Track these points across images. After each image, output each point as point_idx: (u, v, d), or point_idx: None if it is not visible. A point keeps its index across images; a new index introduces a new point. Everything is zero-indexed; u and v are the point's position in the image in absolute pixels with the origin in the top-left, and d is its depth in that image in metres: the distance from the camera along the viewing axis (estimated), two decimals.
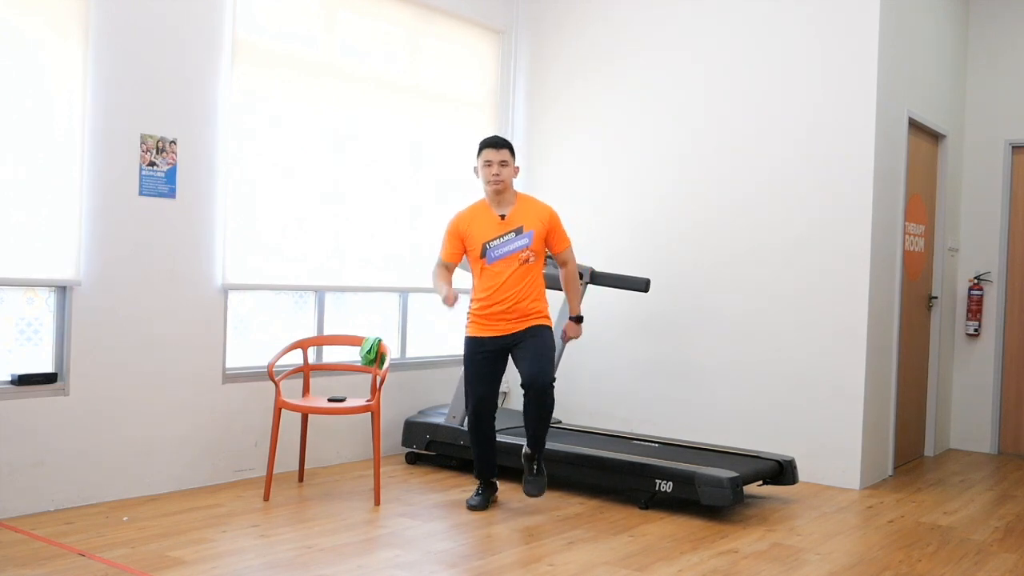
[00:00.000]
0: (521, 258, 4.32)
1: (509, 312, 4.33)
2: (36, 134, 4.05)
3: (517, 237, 4.33)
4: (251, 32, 4.84)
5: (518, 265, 4.32)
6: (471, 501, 4.49)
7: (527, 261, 4.33)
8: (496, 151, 4.37)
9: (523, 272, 4.33)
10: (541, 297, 4.44)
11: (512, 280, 4.31)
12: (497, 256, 4.33)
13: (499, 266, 4.32)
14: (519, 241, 4.32)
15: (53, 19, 4.08)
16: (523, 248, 4.32)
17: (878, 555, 3.95)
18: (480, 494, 4.52)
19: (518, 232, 4.33)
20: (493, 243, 4.33)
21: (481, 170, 4.40)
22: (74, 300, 4.18)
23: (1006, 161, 6.56)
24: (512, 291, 4.32)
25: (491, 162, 4.36)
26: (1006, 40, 6.58)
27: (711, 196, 5.68)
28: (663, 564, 3.70)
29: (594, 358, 6.10)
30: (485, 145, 4.41)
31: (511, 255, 4.32)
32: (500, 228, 4.35)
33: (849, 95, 5.24)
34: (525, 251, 4.32)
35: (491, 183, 4.36)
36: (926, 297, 6.29)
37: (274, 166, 4.97)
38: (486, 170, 4.37)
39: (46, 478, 4.10)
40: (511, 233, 4.33)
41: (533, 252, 4.34)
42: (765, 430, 5.43)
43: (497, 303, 4.33)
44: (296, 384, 5.02)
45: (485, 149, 4.40)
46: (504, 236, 4.34)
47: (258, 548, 3.69)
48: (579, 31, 6.26)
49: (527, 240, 4.32)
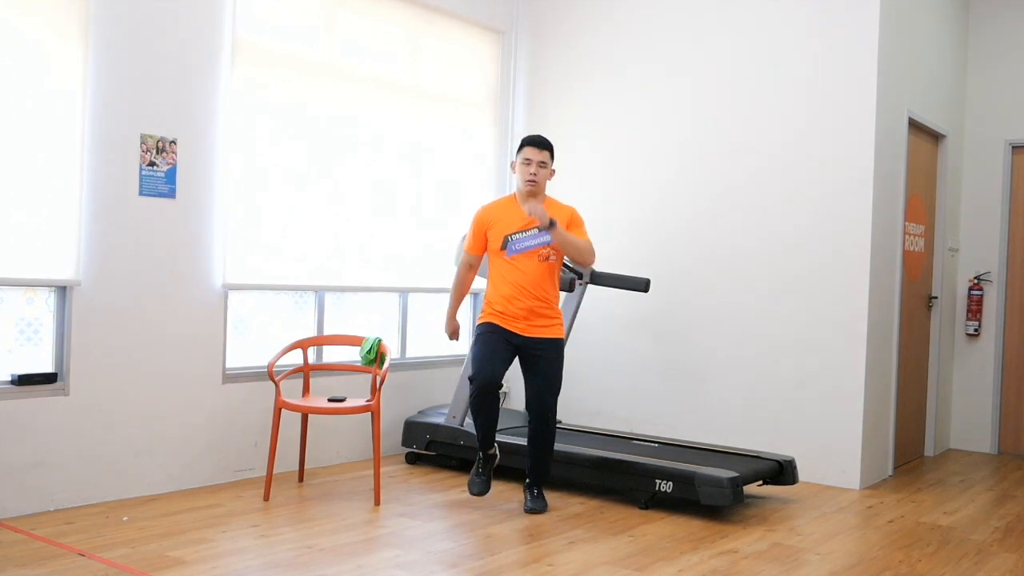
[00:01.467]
0: (542, 255, 4.34)
1: (525, 310, 4.33)
2: (36, 134, 4.05)
3: (540, 233, 4.33)
4: (251, 32, 4.84)
5: (538, 261, 4.34)
6: (473, 486, 4.48)
7: (547, 259, 4.35)
8: (538, 151, 4.40)
9: (542, 270, 4.34)
10: (557, 300, 4.46)
11: (531, 276, 4.32)
12: (518, 249, 4.33)
13: (519, 260, 4.33)
14: (541, 237, 4.33)
15: (53, 19, 4.08)
16: (545, 245, 4.33)
17: (878, 555, 3.95)
18: (481, 473, 4.49)
19: (541, 229, 4.33)
20: (516, 236, 4.35)
21: (519, 167, 4.43)
22: (74, 300, 4.18)
23: (1006, 161, 6.56)
24: (530, 288, 4.32)
25: (531, 160, 4.38)
26: (1006, 40, 6.58)
27: (711, 196, 5.68)
28: (663, 564, 3.70)
29: (594, 358, 6.10)
30: (528, 143, 4.43)
31: (532, 250, 4.34)
32: (525, 223, 4.36)
33: (849, 95, 5.24)
34: (546, 248, 4.34)
35: (527, 182, 4.39)
36: (926, 297, 6.29)
37: (274, 166, 4.97)
38: (524, 168, 4.40)
39: (46, 478, 4.10)
40: (535, 229, 4.34)
41: (554, 251, 4.35)
42: (765, 430, 5.43)
43: (514, 299, 4.33)
44: (296, 384, 5.02)
45: (527, 147, 4.42)
46: (528, 231, 4.35)
47: (258, 548, 3.69)
48: (579, 31, 6.26)
49: (549, 237, 4.32)
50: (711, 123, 5.71)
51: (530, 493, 4.50)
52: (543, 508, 4.46)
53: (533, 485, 4.51)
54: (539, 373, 4.36)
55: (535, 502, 4.46)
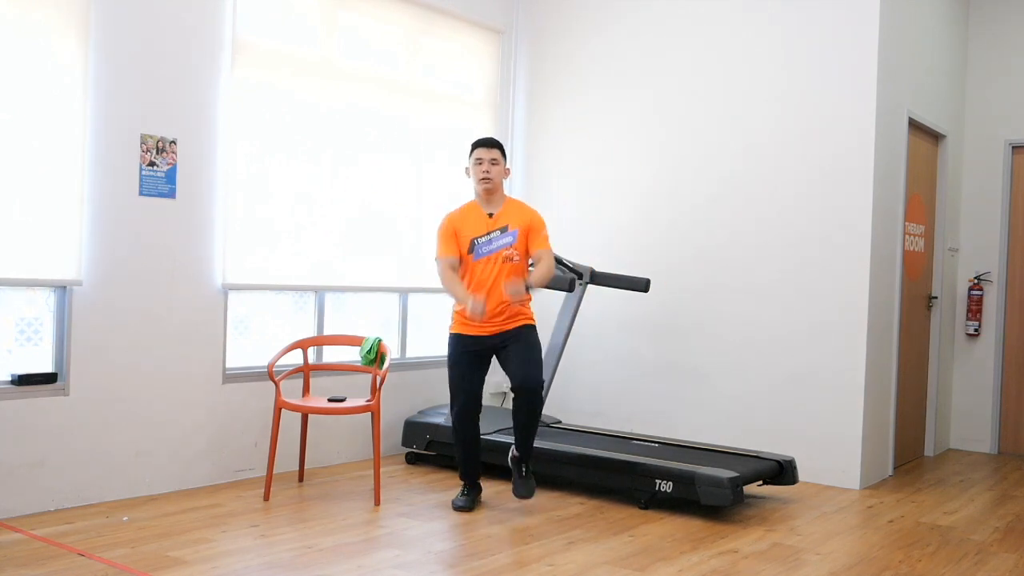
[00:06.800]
0: (505, 255, 4.36)
1: (494, 311, 4.33)
2: (36, 134, 4.04)
3: (502, 235, 4.38)
4: (251, 32, 4.84)
5: (502, 263, 4.35)
6: (457, 502, 4.49)
7: (511, 259, 4.36)
8: (487, 150, 4.43)
9: (508, 270, 4.35)
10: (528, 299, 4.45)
11: (497, 278, 4.33)
12: (483, 253, 4.37)
13: (484, 263, 4.36)
14: (504, 239, 4.37)
15: (53, 19, 4.08)
16: (507, 246, 4.37)
17: (878, 555, 3.95)
18: (466, 495, 4.52)
19: (503, 230, 4.38)
20: (481, 240, 4.38)
21: (472, 169, 4.47)
22: (74, 300, 4.18)
23: (1006, 161, 6.56)
24: (497, 288, 4.32)
25: (482, 160, 4.42)
26: (1006, 40, 6.58)
27: (711, 195, 5.68)
28: (663, 564, 3.70)
29: (594, 358, 6.10)
30: (477, 145, 4.49)
31: (496, 252, 4.36)
32: (488, 225, 4.40)
33: (849, 95, 5.24)
34: (509, 249, 4.36)
35: (481, 181, 4.42)
36: (926, 297, 6.29)
37: (274, 166, 4.97)
38: (477, 168, 4.43)
39: (46, 478, 4.10)
40: (497, 231, 4.38)
41: (517, 251, 4.38)
42: (765, 430, 5.43)
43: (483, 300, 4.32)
44: (296, 384, 5.02)
45: (476, 148, 4.47)
46: (491, 233, 4.38)
47: (258, 548, 3.69)
48: (579, 31, 6.26)
49: (511, 238, 4.37)
50: (711, 123, 5.70)
51: (517, 472, 4.47)
52: (530, 491, 4.46)
53: (520, 461, 4.46)
54: (518, 350, 4.34)
55: (523, 483, 4.45)
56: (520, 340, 4.37)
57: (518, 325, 4.39)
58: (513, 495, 4.51)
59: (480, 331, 4.37)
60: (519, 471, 4.48)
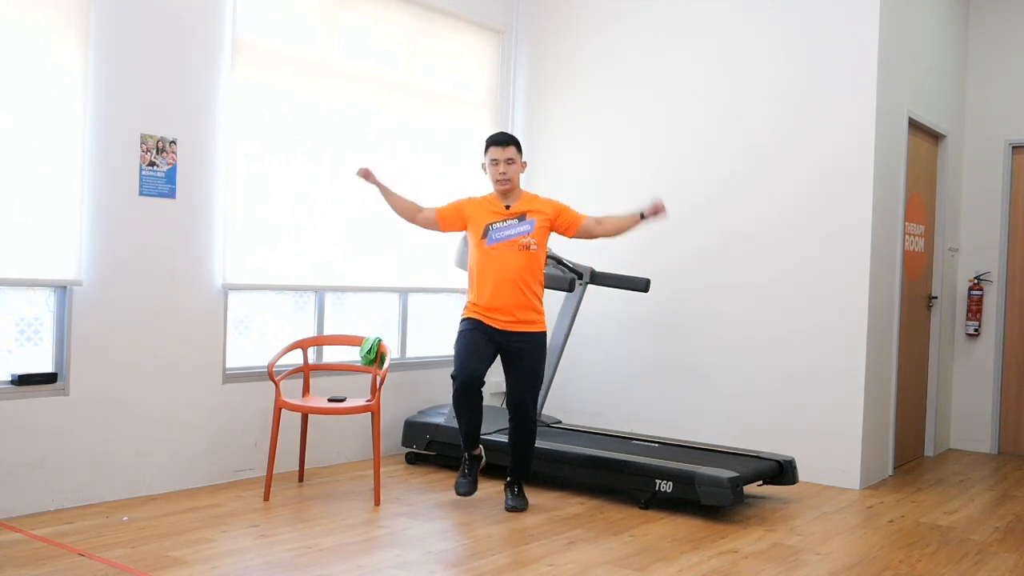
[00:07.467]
0: (522, 243, 4.34)
1: (508, 304, 4.32)
2: (36, 134, 4.04)
3: (520, 223, 4.37)
4: (251, 32, 4.84)
5: (519, 250, 4.34)
6: (460, 487, 4.47)
7: (528, 247, 4.35)
8: (502, 149, 4.41)
9: (523, 259, 4.34)
10: (540, 295, 4.45)
11: (512, 267, 4.31)
12: (498, 238, 4.35)
13: (500, 249, 4.34)
14: (522, 227, 4.36)
15: (53, 19, 4.08)
16: (525, 234, 4.35)
17: (878, 555, 3.95)
18: (467, 474, 4.49)
19: (521, 219, 4.38)
20: (496, 225, 4.38)
21: (488, 169, 4.46)
22: (74, 300, 4.18)
23: (1006, 161, 6.56)
24: (511, 279, 4.31)
25: (497, 160, 4.40)
26: (1006, 40, 6.58)
27: (711, 195, 5.68)
28: (663, 564, 3.70)
29: (594, 358, 6.10)
30: (491, 143, 4.46)
31: (512, 239, 4.34)
32: (504, 215, 4.40)
33: (849, 95, 5.24)
34: (526, 237, 4.35)
35: (498, 182, 4.42)
36: (926, 297, 6.29)
37: (274, 166, 4.97)
38: (493, 169, 4.42)
39: (46, 478, 4.10)
40: (514, 219, 4.38)
41: (534, 239, 4.36)
42: (765, 430, 5.43)
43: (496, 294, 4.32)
44: (296, 384, 5.02)
45: (491, 147, 4.44)
46: (507, 220, 4.38)
47: (258, 548, 3.69)
48: (579, 31, 6.26)
49: (529, 227, 4.36)
50: (711, 122, 5.70)
51: (510, 492, 4.51)
52: (523, 507, 4.47)
53: (513, 483, 4.53)
54: (520, 367, 4.37)
55: (516, 500, 4.47)
56: (525, 359, 4.37)
57: (531, 331, 4.38)
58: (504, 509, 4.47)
59: (494, 324, 4.35)
60: (512, 492, 4.51)
